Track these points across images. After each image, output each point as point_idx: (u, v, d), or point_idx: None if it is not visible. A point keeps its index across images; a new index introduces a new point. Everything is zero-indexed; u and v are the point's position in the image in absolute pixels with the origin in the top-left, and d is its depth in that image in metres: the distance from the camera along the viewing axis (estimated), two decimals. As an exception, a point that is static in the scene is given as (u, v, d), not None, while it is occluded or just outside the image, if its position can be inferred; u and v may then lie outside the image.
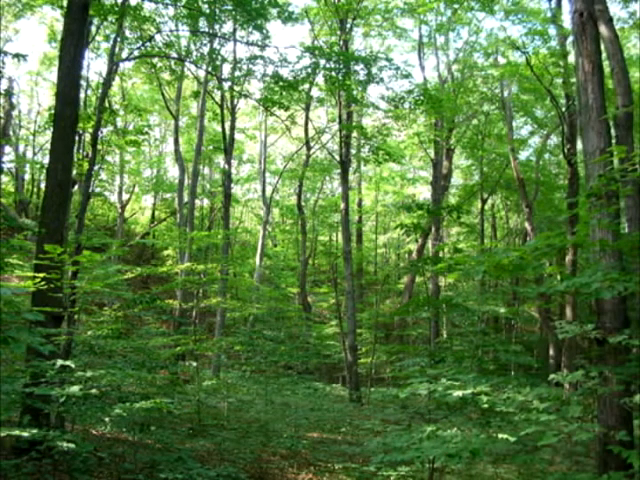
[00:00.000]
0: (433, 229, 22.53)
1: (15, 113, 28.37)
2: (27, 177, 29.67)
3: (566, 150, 18.68)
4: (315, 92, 22.54)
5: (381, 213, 36.58)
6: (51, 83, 27.09)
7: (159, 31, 15.89)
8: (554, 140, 26.73)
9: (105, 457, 7.00)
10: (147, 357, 9.66)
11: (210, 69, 17.56)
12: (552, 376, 5.28)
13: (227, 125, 20.33)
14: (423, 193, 35.28)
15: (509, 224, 32.51)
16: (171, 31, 17.12)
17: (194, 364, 11.68)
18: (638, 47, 21.28)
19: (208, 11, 14.41)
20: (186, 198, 21.97)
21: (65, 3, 8.93)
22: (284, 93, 16.80)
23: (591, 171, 6.36)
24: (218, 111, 20.40)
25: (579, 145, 16.63)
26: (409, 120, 22.24)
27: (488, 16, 21.28)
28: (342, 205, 17.80)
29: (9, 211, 22.64)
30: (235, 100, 20.94)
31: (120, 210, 29.19)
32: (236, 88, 19.14)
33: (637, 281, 4.76)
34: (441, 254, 24.19)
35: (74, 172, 11.66)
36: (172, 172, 36.24)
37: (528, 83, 20.93)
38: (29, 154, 30.86)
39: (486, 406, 5.16)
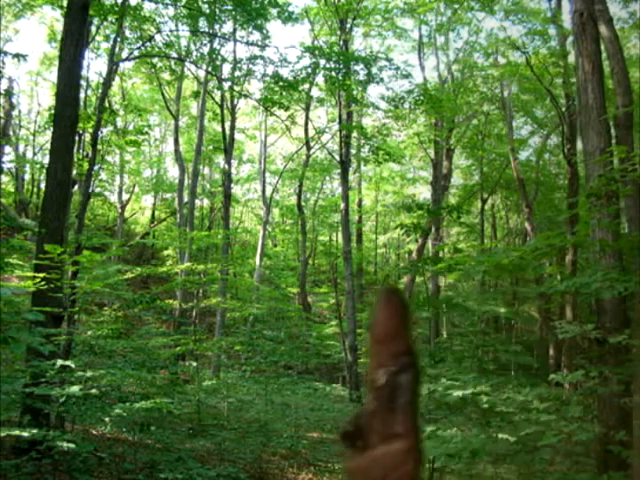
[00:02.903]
0: (433, 229, 22.52)
1: (15, 113, 28.35)
2: (27, 177, 29.66)
3: (566, 150, 18.69)
4: (315, 92, 22.55)
5: (381, 213, 36.57)
6: (51, 83, 27.07)
7: (159, 31, 15.89)
8: (554, 140, 26.73)
9: (105, 457, 7.00)
10: (147, 357, 9.66)
11: (210, 69, 17.56)
12: (552, 376, 5.29)
13: (227, 125, 20.32)
14: (423, 193, 35.28)
15: (509, 224, 32.50)
16: (171, 31, 17.13)
17: (194, 364, 11.67)
18: (638, 47, 21.29)
19: (208, 11, 14.41)
20: (186, 198, 21.97)
21: (65, 3, 8.94)
22: (284, 93, 16.80)
23: (591, 171, 6.37)
24: (218, 111, 20.39)
25: (579, 145, 16.63)
26: (409, 120, 22.24)
27: (488, 16, 21.29)
28: (342, 205, 17.79)
29: (9, 211, 22.63)
30: (235, 100, 20.93)
31: (120, 210, 29.17)
32: (236, 88, 19.14)
33: (637, 281, 4.76)
34: (441, 254, 24.18)
35: (74, 172, 11.65)
36: (172, 172, 36.28)
37: (528, 83, 20.95)
38: (29, 154, 30.86)
39: (486, 406, 5.16)
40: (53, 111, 8.40)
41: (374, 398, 1.32)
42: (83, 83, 15.73)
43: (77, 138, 13.43)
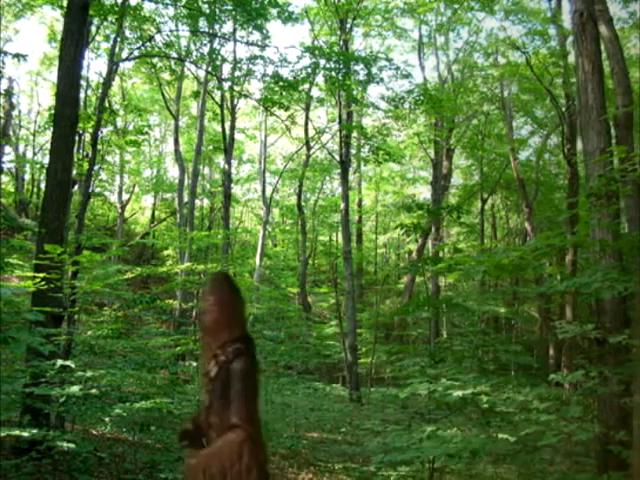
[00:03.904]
0: (433, 229, 22.52)
1: (15, 113, 28.33)
2: (27, 177, 29.63)
3: (566, 150, 18.70)
4: (315, 92, 22.55)
5: (381, 213, 36.56)
6: (51, 83, 27.05)
7: (159, 31, 15.89)
8: (554, 140, 26.74)
9: (105, 457, 6.99)
10: (147, 357, 9.64)
11: (210, 69, 17.56)
12: (552, 376, 5.28)
13: (227, 125, 20.33)
14: (423, 193, 35.28)
15: (509, 224, 32.51)
16: (171, 31, 17.13)
17: (194, 364, 11.67)
18: (638, 47, 21.29)
19: (208, 11, 14.41)
20: (186, 198, 21.96)
21: (65, 3, 8.93)
22: (284, 93, 16.79)
23: (591, 171, 6.37)
24: (218, 111, 20.40)
25: (579, 145, 16.63)
26: (409, 120, 22.24)
27: (488, 16, 21.30)
28: (342, 205, 17.79)
29: (9, 211, 22.62)
30: (235, 100, 20.94)
31: (120, 210, 29.17)
32: (236, 88, 19.13)
33: (637, 281, 4.75)
34: (441, 254, 24.20)
35: (74, 172, 11.64)
36: (172, 172, 36.27)
37: (528, 83, 20.96)
38: (29, 154, 30.83)
39: (486, 406, 5.15)
40: (53, 111, 8.38)
41: (207, 392, 1.25)
42: (83, 83, 15.74)
43: (77, 138, 13.43)
